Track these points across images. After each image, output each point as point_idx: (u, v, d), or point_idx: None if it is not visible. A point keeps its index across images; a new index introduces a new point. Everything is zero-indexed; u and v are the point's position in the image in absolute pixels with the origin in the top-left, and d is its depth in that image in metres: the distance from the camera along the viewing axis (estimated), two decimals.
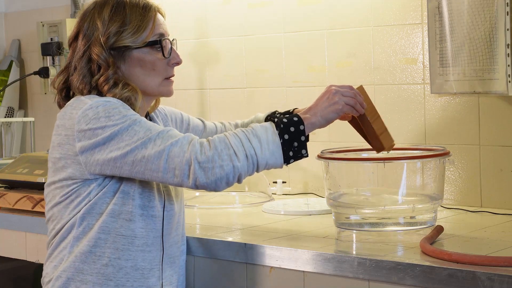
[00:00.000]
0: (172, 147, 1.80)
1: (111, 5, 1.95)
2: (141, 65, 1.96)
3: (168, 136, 1.82)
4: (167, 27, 2.03)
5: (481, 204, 2.48)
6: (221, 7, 3.03)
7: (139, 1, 1.97)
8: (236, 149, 1.80)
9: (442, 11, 2.44)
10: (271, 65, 2.92)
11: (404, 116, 2.61)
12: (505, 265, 1.70)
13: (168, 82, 2.01)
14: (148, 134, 1.82)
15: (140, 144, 1.81)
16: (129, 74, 1.96)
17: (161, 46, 1.96)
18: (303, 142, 1.88)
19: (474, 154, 2.48)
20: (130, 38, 1.93)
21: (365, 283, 1.87)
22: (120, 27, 1.93)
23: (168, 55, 1.99)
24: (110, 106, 1.85)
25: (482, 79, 2.37)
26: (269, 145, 1.83)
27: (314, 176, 2.83)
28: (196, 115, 3.14)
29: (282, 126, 1.86)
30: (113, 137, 1.82)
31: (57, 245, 1.95)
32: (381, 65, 2.65)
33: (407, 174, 2.12)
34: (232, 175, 1.80)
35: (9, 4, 3.88)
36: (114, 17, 1.93)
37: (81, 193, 1.90)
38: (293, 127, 1.87)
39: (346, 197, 2.20)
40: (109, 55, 1.92)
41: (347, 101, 1.96)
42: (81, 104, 1.87)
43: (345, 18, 2.72)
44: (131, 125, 1.83)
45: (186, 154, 1.78)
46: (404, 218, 2.12)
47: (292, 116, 1.89)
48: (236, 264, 2.10)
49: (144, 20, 1.95)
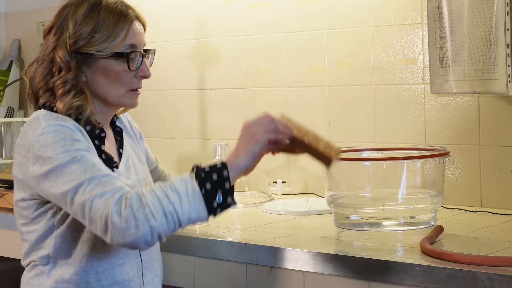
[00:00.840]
0: (97, 198, 1.68)
1: (87, 6, 1.88)
2: (105, 74, 1.89)
3: (99, 183, 1.71)
4: (143, 37, 1.94)
5: (481, 204, 2.48)
6: (221, 7, 3.03)
7: (117, 7, 1.90)
8: (153, 208, 1.66)
9: (442, 11, 2.44)
10: (271, 65, 2.92)
11: (404, 116, 2.61)
12: (505, 265, 1.70)
13: (133, 93, 1.93)
14: (82, 176, 1.71)
15: (73, 187, 1.72)
16: (92, 80, 1.89)
17: (127, 59, 1.88)
18: (229, 189, 1.70)
19: (474, 154, 2.48)
20: (97, 46, 1.85)
21: (365, 283, 1.87)
22: (90, 33, 1.85)
23: (136, 68, 1.90)
24: (59, 135, 1.77)
25: (482, 79, 2.37)
26: (189, 198, 1.67)
27: (314, 176, 2.83)
28: (196, 115, 3.15)
29: (203, 176, 1.69)
30: (53, 171, 1.75)
31: (32, 267, 1.90)
32: (381, 65, 2.65)
33: (407, 174, 2.12)
34: (150, 235, 1.66)
35: (9, 4, 3.88)
36: (86, 20, 1.86)
37: (46, 217, 1.85)
38: (216, 174, 1.69)
39: (346, 197, 2.20)
40: (73, 59, 1.86)
41: (266, 128, 1.79)
42: (36, 125, 1.80)
43: (345, 18, 2.72)
44: (69, 162, 1.73)
45: (105, 210, 1.67)
46: (404, 218, 2.12)
47: (213, 163, 1.73)
48: (236, 264, 2.09)
49: (116, 29, 1.86)
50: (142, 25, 1.95)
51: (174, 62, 3.20)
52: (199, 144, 3.15)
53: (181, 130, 3.21)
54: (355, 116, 2.72)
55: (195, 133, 3.16)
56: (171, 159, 3.22)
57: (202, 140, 3.14)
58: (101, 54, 1.86)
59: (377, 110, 2.67)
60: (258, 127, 1.79)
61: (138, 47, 1.91)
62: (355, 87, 2.72)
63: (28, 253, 1.91)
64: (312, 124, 2.82)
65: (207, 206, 1.69)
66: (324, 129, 2.79)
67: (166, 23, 3.20)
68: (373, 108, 2.67)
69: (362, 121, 2.70)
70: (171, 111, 3.23)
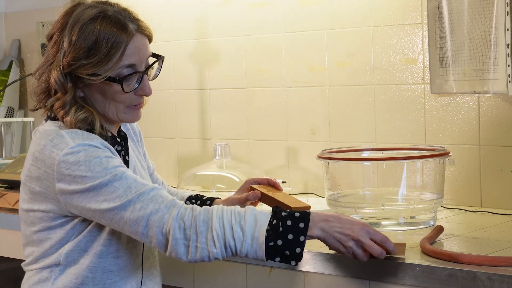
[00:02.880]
0: (152, 215, 1.71)
1: (84, 21, 1.79)
2: (101, 94, 1.83)
3: (149, 199, 1.72)
4: (145, 52, 1.85)
5: (481, 204, 2.48)
6: (221, 7, 3.03)
7: (116, 21, 1.80)
8: (216, 236, 1.69)
9: (442, 11, 2.44)
10: (271, 65, 2.92)
11: (404, 116, 2.61)
12: (505, 265, 1.70)
13: (132, 110, 1.87)
14: (128, 194, 1.72)
15: (120, 205, 1.72)
16: (89, 97, 1.84)
17: (121, 83, 1.80)
18: (298, 254, 1.71)
19: (474, 154, 2.48)
20: (89, 70, 1.78)
21: (365, 283, 1.87)
22: (83, 55, 1.77)
23: (132, 89, 1.83)
24: (92, 154, 1.75)
25: (482, 79, 2.37)
26: (253, 242, 1.69)
27: (314, 176, 2.83)
28: (196, 115, 3.15)
29: (280, 230, 1.69)
30: (92, 189, 1.74)
31: (38, 273, 1.89)
32: (381, 65, 2.65)
33: (407, 174, 2.12)
34: (207, 258, 1.70)
35: (9, 4, 3.88)
36: (81, 40, 1.77)
37: (64, 227, 1.83)
38: (293, 235, 1.69)
39: (346, 197, 2.20)
40: (68, 81, 1.80)
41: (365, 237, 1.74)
42: (63, 144, 1.76)
43: (345, 18, 2.72)
44: (111, 181, 1.73)
45: (165, 226, 1.70)
46: (404, 218, 2.12)
47: (298, 221, 1.70)
48: (236, 264, 2.09)
49: (110, 51, 1.78)
50: (147, 36, 1.87)
51: (174, 62, 3.20)
52: (199, 144, 3.15)
53: (181, 130, 3.21)
54: (355, 116, 2.72)
55: (195, 133, 3.16)
56: (171, 159, 3.22)
57: (202, 140, 3.14)
58: (92, 79, 1.79)
59: (377, 110, 2.67)
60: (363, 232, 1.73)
61: (137, 66, 1.83)
62: (355, 87, 2.72)
63: (37, 260, 1.89)
64: (312, 124, 2.83)
65: (267, 255, 1.70)
66: (324, 129, 2.80)
67: (166, 23, 3.20)
68: (373, 108, 2.67)
69: (362, 121, 2.70)
70: (171, 111, 3.23)
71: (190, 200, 2.15)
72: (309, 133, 2.83)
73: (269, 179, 2.12)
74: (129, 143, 2.02)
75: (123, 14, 1.83)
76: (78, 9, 1.82)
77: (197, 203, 2.12)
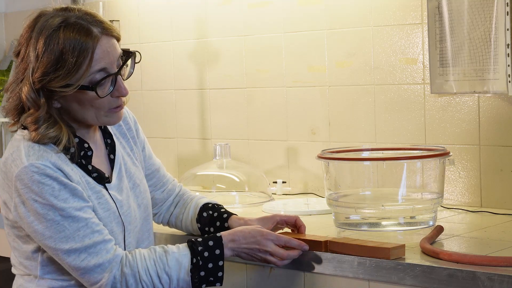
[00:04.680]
0: (91, 270, 1.77)
1: (47, 33, 1.75)
2: (78, 102, 1.81)
3: (95, 253, 1.77)
4: (114, 53, 1.80)
5: (481, 204, 2.48)
6: (221, 7, 3.03)
7: (79, 28, 1.76)
8: (145, 286, 1.80)
9: (442, 11, 2.44)
10: (271, 65, 2.92)
11: (404, 116, 2.61)
12: (505, 265, 1.70)
13: (112, 112, 1.85)
14: (76, 239, 1.76)
15: (64, 250, 1.76)
16: (67, 107, 1.82)
17: (95, 90, 1.77)
18: (221, 277, 1.85)
19: (474, 154, 2.48)
20: (60, 82, 1.75)
21: (365, 283, 1.87)
22: (50, 69, 1.74)
23: (107, 93, 1.80)
24: (44, 180, 1.74)
25: (482, 79, 2.37)
26: (179, 282, 1.82)
27: (314, 176, 2.83)
28: (196, 115, 3.15)
29: (201, 263, 1.82)
30: (38, 217, 1.75)
31: (21, 276, 1.91)
32: (381, 65, 2.65)
33: (407, 174, 2.12)
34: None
35: (9, 4, 3.88)
36: (47, 54, 1.74)
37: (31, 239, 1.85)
38: (212, 263, 1.83)
39: (346, 197, 2.20)
40: (40, 96, 1.77)
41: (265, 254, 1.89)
42: (18, 161, 1.76)
43: (345, 18, 2.72)
44: (60, 220, 1.75)
45: (101, 282, 1.78)
46: (404, 218, 2.12)
47: (213, 249, 1.84)
48: (236, 264, 2.09)
49: (78, 60, 1.74)
50: (114, 37, 1.82)
51: (174, 62, 3.20)
52: (199, 144, 3.15)
53: (181, 130, 3.21)
54: (355, 116, 2.72)
55: (195, 133, 3.16)
56: (171, 159, 3.22)
57: (202, 140, 3.14)
58: (66, 90, 1.76)
59: (377, 110, 2.67)
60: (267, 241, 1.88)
61: (108, 68, 1.79)
62: (355, 87, 2.72)
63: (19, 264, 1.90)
64: (312, 124, 2.83)
65: (194, 286, 1.84)
66: (324, 129, 2.80)
67: (166, 23, 3.20)
68: (373, 108, 2.67)
69: (362, 121, 2.70)
70: (171, 111, 3.23)
71: (206, 210, 2.13)
72: (309, 133, 2.83)
73: (298, 219, 2.07)
74: (117, 139, 2.01)
75: (86, 19, 1.79)
76: (40, 21, 1.78)
77: (214, 214, 2.11)
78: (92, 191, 1.84)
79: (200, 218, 2.12)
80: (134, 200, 1.96)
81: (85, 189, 1.82)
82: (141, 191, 1.99)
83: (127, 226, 1.90)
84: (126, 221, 1.90)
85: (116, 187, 1.91)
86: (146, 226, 2.00)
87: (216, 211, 2.12)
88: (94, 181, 1.85)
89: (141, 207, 1.98)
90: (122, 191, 1.92)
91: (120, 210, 1.88)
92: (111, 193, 1.88)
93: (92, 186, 1.84)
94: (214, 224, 2.10)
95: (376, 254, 1.84)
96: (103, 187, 1.87)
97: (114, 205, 1.87)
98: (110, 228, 1.85)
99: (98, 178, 1.87)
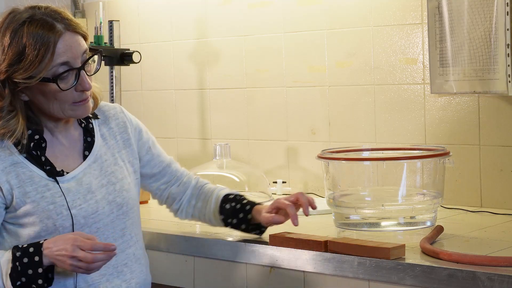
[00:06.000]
0: None
1: (12, 29, 1.85)
2: (42, 95, 1.88)
3: None
4: (78, 48, 1.86)
5: (481, 204, 2.48)
6: (221, 7, 3.03)
7: (43, 23, 1.84)
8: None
9: (442, 11, 2.44)
10: (271, 65, 2.92)
11: (404, 116, 2.61)
12: (505, 265, 1.70)
13: (76, 106, 1.91)
14: None
15: None
16: (33, 98, 1.90)
17: (56, 82, 1.84)
18: (41, 285, 1.81)
19: (474, 154, 2.48)
20: (22, 74, 1.84)
21: (365, 283, 1.87)
22: (15, 62, 1.84)
23: (70, 86, 1.87)
24: None
25: (482, 79, 2.37)
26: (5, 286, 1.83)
27: (314, 176, 2.83)
28: (196, 115, 3.15)
29: (19, 269, 1.80)
30: None
31: None
32: (381, 65, 2.65)
33: (407, 174, 2.12)
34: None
35: (9, 4, 3.88)
36: (11, 47, 1.84)
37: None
38: (32, 270, 1.81)
39: (346, 197, 2.19)
40: (4, 88, 1.86)
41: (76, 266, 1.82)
42: None
43: (345, 18, 2.72)
44: None
45: None
46: (404, 218, 2.12)
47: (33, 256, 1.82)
48: (236, 264, 2.09)
49: (39, 53, 1.83)
50: (79, 33, 1.89)
51: (174, 62, 3.20)
52: (199, 144, 3.15)
53: (181, 130, 3.21)
54: (355, 116, 2.72)
55: (195, 133, 3.16)
56: None
57: (202, 140, 3.14)
58: (28, 82, 1.85)
59: (377, 110, 2.67)
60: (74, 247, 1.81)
61: (71, 62, 1.86)
62: (355, 87, 2.72)
63: None
64: (312, 124, 2.83)
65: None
66: (324, 129, 2.80)
67: (166, 23, 3.20)
68: (373, 108, 2.67)
69: (362, 121, 2.70)
70: (171, 111, 3.23)
71: (228, 202, 2.13)
72: (309, 133, 2.83)
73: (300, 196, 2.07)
74: (105, 141, 2.04)
75: (51, 15, 1.87)
76: (9, 17, 1.88)
77: (236, 206, 2.12)
78: (37, 185, 1.90)
79: (222, 210, 2.13)
80: (103, 196, 1.97)
81: (21, 186, 1.89)
82: (115, 189, 1.99)
83: (79, 219, 1.91)
84: (79, 214, 1.92)
85: (75, 181, 1.94)
86: (120, 225, 1.99)
87: (239, 202, 2.13)
88: (45, 173, 1.91)
89: (113, 204, 1.98)
90: (81, 185, 1.94)
91: (70, 203, 1.91)
92: (62, 186, 1.92)
93: (37, 180, 1.90)
94: (237, 216, 2.12)
95: (376, 254, 1.85)
96: (54, 180, 1.91)
97: (63, 198, 1.91)
98: (53, 221, 1.89)
99: (50, 170, 1.92)
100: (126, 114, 2.12)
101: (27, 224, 1.90)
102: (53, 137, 1.96)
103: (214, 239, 2.16)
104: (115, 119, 2.08)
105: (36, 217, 1.89)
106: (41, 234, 1.89)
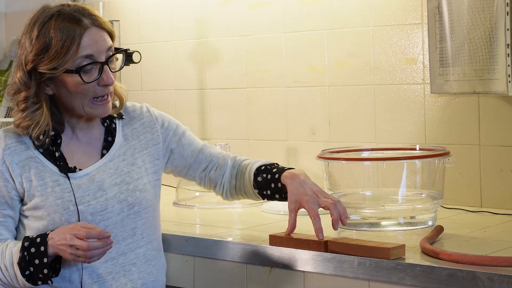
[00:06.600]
0: None
1: (40, 23, 1.91)
2: (65, 87, 1.93)
3: None
4: (102, 44, 1.92)
5: (481, 204, 2.48)
6: (221, 7, 3.03)
7: (71, 17, 1.91)
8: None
9: (442, 11, 2.44)
10: (271, 65, 2.92)
11: (404, 116, 2.61)
12: (505, 265, 1.70)
13: (95, 103, 1.96)
14: None
15: None
16: (57, 92, 1.96)
17: (79, 74, 1.90)
18: (46, 274, 1.86)
19: (474, 154, 2.48)
20: (48, 65, 1.89)
21: (365, 283, 1.87)
22: (41, 52, 1.90)
23: (93, 79, 1.92)
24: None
25: (482, 79, 2.37)
26: (13, 275, 1.89)
27: (314, 176, 2.82)
28: (196, 115, 3.15)
29: (27, 259, 1.86)
30: None
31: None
32: (381, 65, 2.65)
33: (407, 174, 2.12)
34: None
35: (9, 4, 3.88)
36: (39, 38, 1.90)
37: None
38: (38, 260, 1.86)
39: (346, 197, 2.20)
40: (31, 79, 1.92)
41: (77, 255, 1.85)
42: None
43: (345, 18, 2.72)
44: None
45: None
46: (404, 218, 2.12)
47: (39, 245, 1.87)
48: (236, 264, 2.09)
49: (65, 44, 1.88)
50: (105, 30, 1.95)
51: (174, 62, 3.20)
52: None
53: None
54: (355, 116, 2.72)
55: (195, 133, 3.14)
56: None
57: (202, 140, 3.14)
58: (52, 73, 1.90)
59: (377, 110, 2.67)
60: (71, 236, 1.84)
61: (95, 56, 1.91)
62: (355, 87, 2.72)
63: None
64: (312, 124, 2.83)
65: (32, 282, 1.88)
66: (324, 129, 2.80)
67: (166, 23, 3.20)
68: (373, 108, 2.67)
69: (362, 121, 2.70)
70: (171, 111, 3.23)
71: (261, 173, 2.11)
72: (309, 133, 2.83)
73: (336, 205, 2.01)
74: (127, 141, 2.06)
75: (79, 11, 1.94)
76: (39, 12, 1.94)
77: (267, 177, 2.09)
78: (48, 180, 1.94)
79: (256, 184, 2.12)
80: (115, 194, 1.99)
81: (33, 180, 1.93)
82: (128, 189, 2.01)
83: (86, 216, 1.94)
84: (86, 211, 1.94)
85: (88, 178, 1.98)
86: (130, 225, 2.01)
87: (270, 173, 2.11)
88: (57, 169, 1.96)
89: (123, 204, 2.00)
90: (93, 183, 1.97)
91: (78, 199, 1.94)
92: (72, 182, 1.95)
93: (48, 175, 1.95)
94: (270, 186, 2.10)
95: (376, 254, 1.85)
96: (65, 175, 1.95)
97: (72, 194, 1.94)
98: (60, 215, 1.92)
99: (62, 166, 1.96)
100: (152, 112, 2.17)
101: (37, 217, 1.95)
102: (73, 134, 2.02)
103: (214, 239, 2.15)
104: (140, 119, 2.13)
105: (44, 211, 1.94)
106: (48, 227, 1.93)
